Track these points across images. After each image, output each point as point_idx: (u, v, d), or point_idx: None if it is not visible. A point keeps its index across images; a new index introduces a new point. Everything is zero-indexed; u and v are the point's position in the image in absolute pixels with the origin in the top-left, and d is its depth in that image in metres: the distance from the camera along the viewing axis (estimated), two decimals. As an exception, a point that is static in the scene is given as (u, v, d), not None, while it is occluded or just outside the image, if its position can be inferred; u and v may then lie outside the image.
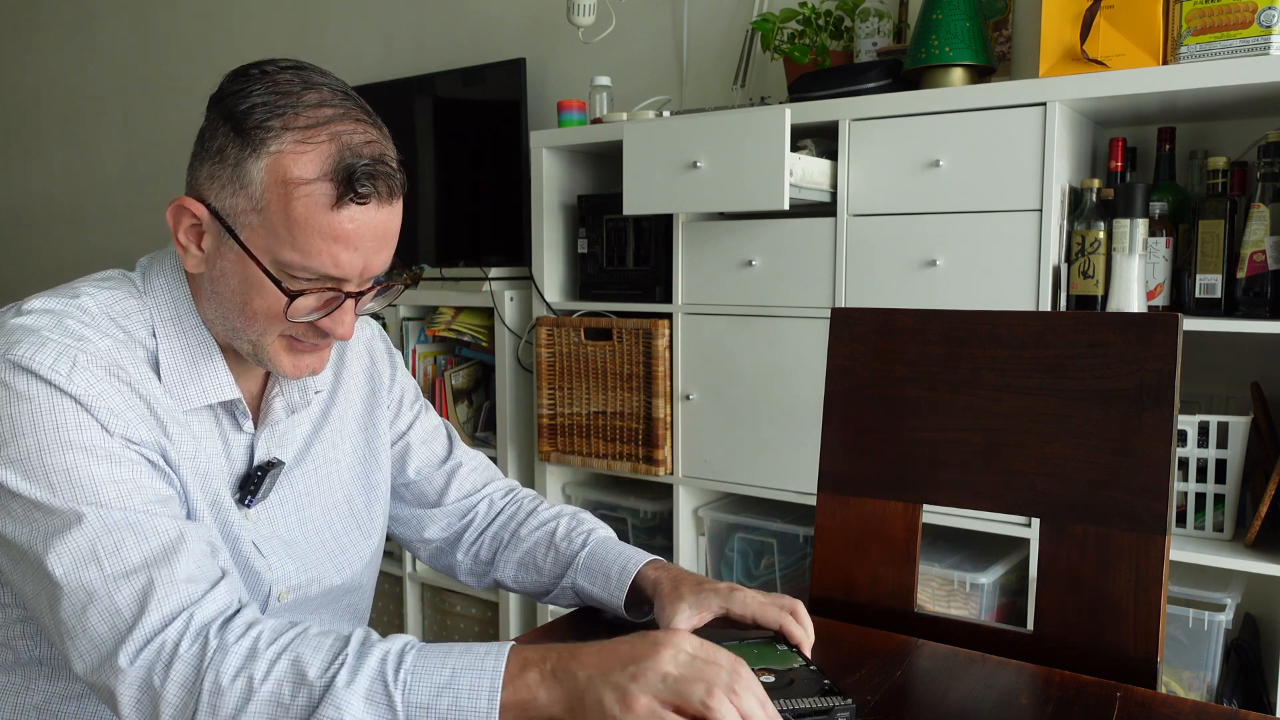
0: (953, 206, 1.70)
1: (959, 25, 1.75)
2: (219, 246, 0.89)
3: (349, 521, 1.08)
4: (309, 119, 0.85)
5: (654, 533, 2.24)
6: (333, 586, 1.05)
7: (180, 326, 0.93)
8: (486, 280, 2.36)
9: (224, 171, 0.86)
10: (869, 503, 1.15)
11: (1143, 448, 0.98)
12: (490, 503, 1.19)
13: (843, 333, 1.18)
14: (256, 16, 3.48)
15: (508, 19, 2.80)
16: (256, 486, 0.98)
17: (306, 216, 0.85)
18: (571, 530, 1.12)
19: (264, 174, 0.85)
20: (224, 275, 0.89)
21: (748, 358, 1.94)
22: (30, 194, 4.46)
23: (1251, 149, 1.72)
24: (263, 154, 0.85)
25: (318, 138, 0.85)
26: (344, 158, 0.85)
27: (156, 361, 0.91)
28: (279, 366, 0.93)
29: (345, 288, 0.90)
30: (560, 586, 1.10)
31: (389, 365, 1.16)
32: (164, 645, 0.77)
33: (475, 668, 0.76)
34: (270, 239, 0.86)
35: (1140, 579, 0.97)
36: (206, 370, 0.94)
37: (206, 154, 0.88)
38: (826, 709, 0.79)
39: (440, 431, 1.21)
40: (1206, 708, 0.86)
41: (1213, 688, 1.58)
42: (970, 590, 1.74)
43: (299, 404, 1.03)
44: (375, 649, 0.78)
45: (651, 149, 1.89)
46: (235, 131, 0.85)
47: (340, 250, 0.87)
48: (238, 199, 0.86)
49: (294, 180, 0.84)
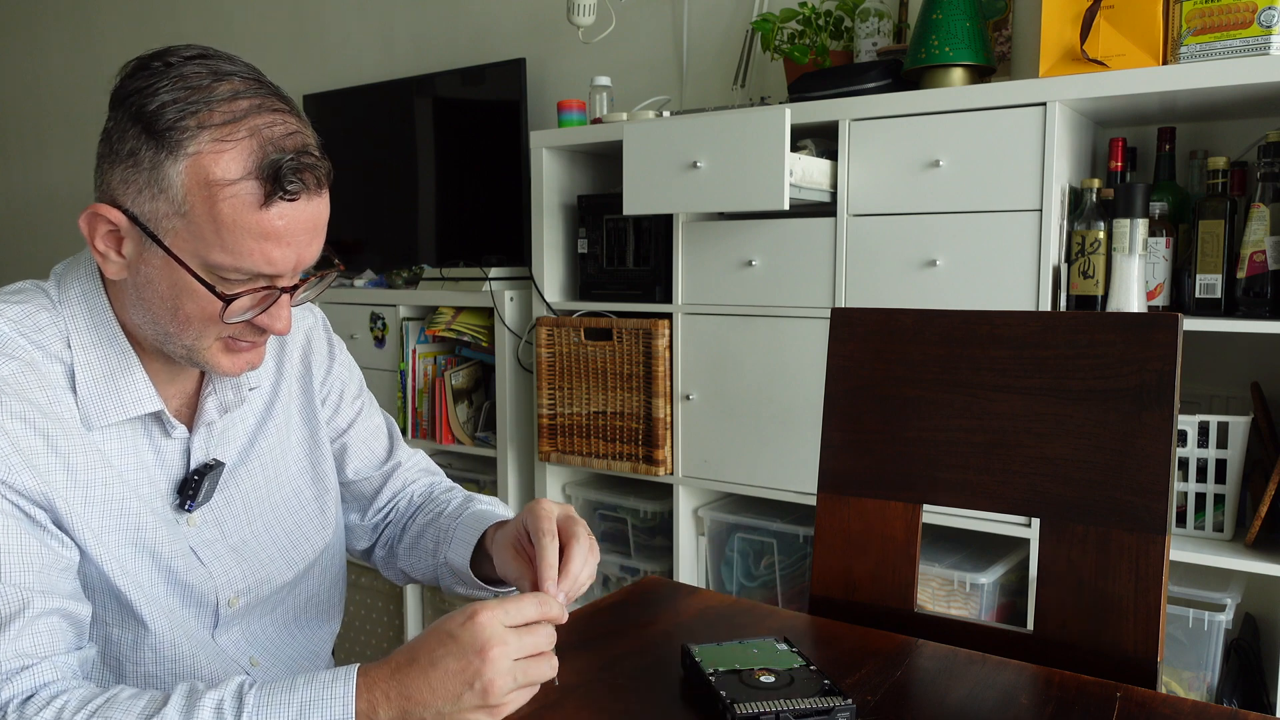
0: (953, 206, 1.70)
1: (959, 25, 1.75)
2: (141, 252, 0.84)
3: (300, 516, 1.06)
4: (225, 114, 0.81)
5: (654, 533, 2.24)
6: (285, 583, 1.04)
7: (97, 336, 0.89)
8: (486, 280, 2.36)
9: (139, 176, 0.82)
10: (869, 503, 1.15)
11: (1143, 448, 0.98)
12: (410, 498, 1.19)
13: (843, 333, 1.18)
14: (256, 17, 3.48)
15: (508, 19, 2.80)
16: (195, 490, 0.95)
17: (234, 217, 0.81)
18: (456, 509, 1.11)
19: (184, 176, 0.80)
20: (150, 281, 0.85)
21: (748, 358, 1.94)
22: (30, 194, 4.46)
23: (1251, 149, 1.72)
24: (180, 156, 0.80)
25: (236, 134, 0.81)
26: (267, 153, 0.81)
27: (73, 375, 0.88)
28: (218, 367, 0.90)
29: (279, 283, 0.87)
30: (439, 566, 1.08)
31: (327, 356, 1.13)
32: None
33: (324, 698, 0.75)
34: (197, 242, 0.82)
35: (1140, 579, 0.97)
36: (125, 383, 0.90)
37: (117, 157, 0.83)
38: (826, 709, 0.79)
39: (381, 431, 1.18)
40: (1206, 708, 0.86)
41: (1213, 688, 1.58)
42: (970, 590, 1.74)
43: (233, 403, 0.99)
44: (206, 697, 0.75)
45: (651, 149, 1.89)
46: (147, 133, 0.81)
47: (272, 248, 0.83)
48: (157, 203, 0.81)
49: (217, 181, 0.80)
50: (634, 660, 0.95)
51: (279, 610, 1.06)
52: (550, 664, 0.78)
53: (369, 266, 2.88)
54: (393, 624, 2.69)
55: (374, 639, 2.74)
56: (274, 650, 1.06)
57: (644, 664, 0.93)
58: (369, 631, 2.76)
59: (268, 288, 0.87)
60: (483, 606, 0.77)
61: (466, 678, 0.74)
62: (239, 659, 1.02)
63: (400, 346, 2.54)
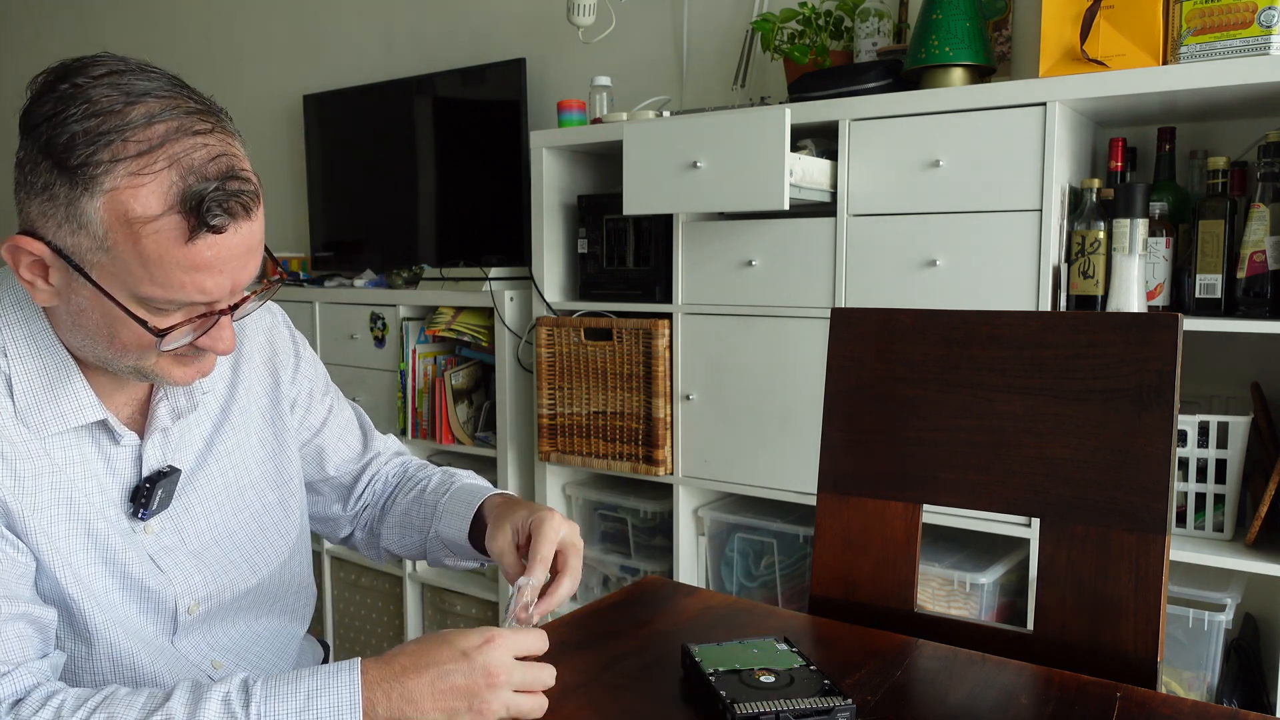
0: (953, 206, 1.70)
1: (959, 25, 1.75)
2: (70, 282, 0.80)
3: (263, 520, 1.05)
4: (140, 143, 0.75)
5: (654, 533, 2.24)
6: (248, 589, 1.03)
7: (34, 346, 0.86)
8: (486, 280, 2.36)
9: (56, 211, 0.77)
10: (869, 503, 1.15)
11: (1143, 448, 0.98)
12: (385, 480, 1.20)
13: (843, 333, 1.18)
14: (257, 17, 3.48)
15: (508, 19, 2.80)
16: (148, 498, 0.93)
17: (160, 253, 0.76)
18: (440, 484, 1.13)
19: (102, 213, 0.75)
20: (82, 310, 0.82)
21: (748, 358, 1.94)
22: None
23: (1251, 149, 1.72)
24: (96, 192, 0.75)
25: (154, 166, 0.75)
26: (189, 185, 0.76)
27: (10, 384, 0.85)
28: (169, 378, 0.87)
29: (216, 307, 0.84)
30: (429, 539, 1.10)
31: (292, 355, 1.11)
32: None
33: (330, 687, 0.76)
34: (125, 276, 0.78)
35: (1140, 579, 0.97)
36: (64, 392, 0.87)
37: (33, 189, 0.78)
38: (826, 709, 0.79)
39: (354, 423, 1.19)
40: (1206, 708, 0.86)
41: (1213, 688, 1.58)
42: (970, 590, 1.74)
43: (185, 408, 0.97)
44: (212, 690, 0.76)
45: (651, 149, 1.89)
46: (59, 169, 0.75)
47: (204, 278, 0.79)
48: (79, 238, 0.77)
49: (137, 219, 0.75)
50: (634, 660, 0.95)
51: (242, 614, 1.04)
52: (540, 704, 0.81)
53: (369, 266, 2.88)
54: (393, 624, 2.69)
55: (374, 639, 2.74)
56: (237, 652, 1.04)
57: (644, 664, 0.93)
58: (369, 631, 2.76)
59: (204, 314, 0.83)
60: (498, 634, 0.81)
61: (467, 697, 0.78)
62: (200, 663, 1.00)
63: (400, 346, 2.54)
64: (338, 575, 2.81)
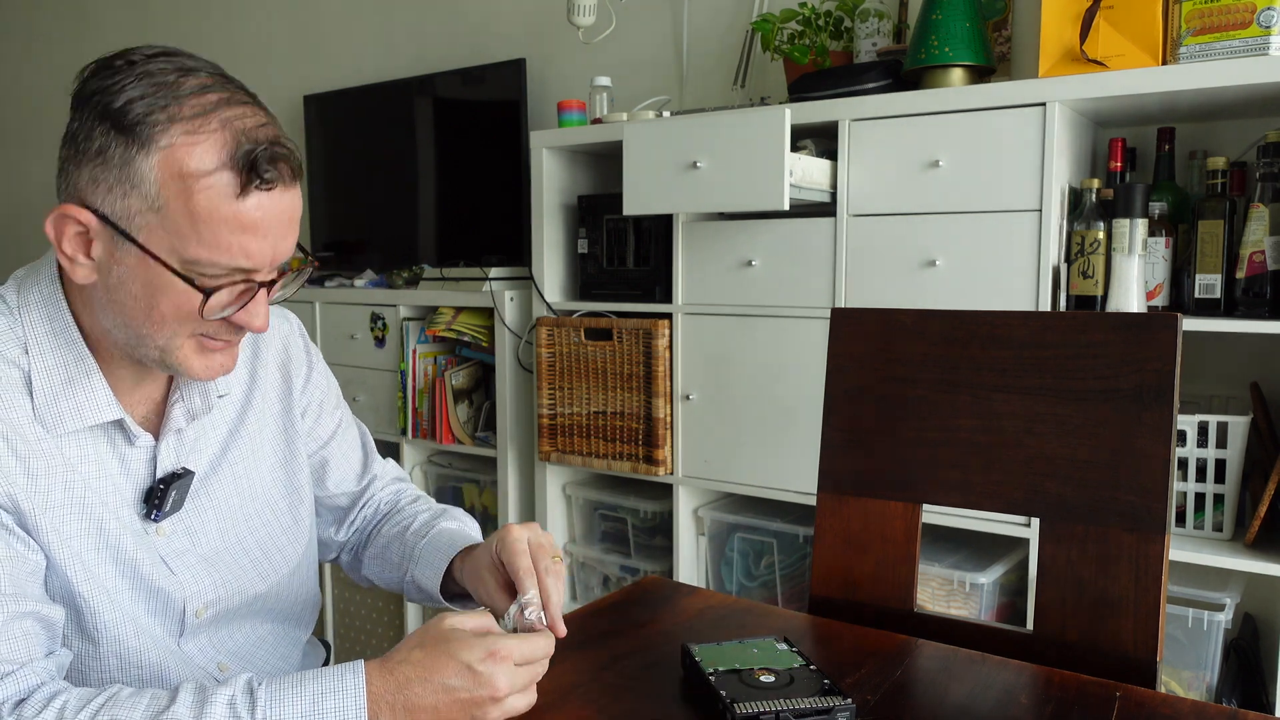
0: (953, 206, 1.70)
1: (959, 25, 1.75)
2: (113, 253, 0.82)
3: (273, 527, 1.05)
4: (194, 107, 0.80)
5: (654, 533, 2.25)
6: (257, 595, 1.03)
7: (55, 343, 0.88)
8: (486, 280, 2.36)
9: (108, 173, 0.80)
10: (869, 503, 1.15)
11: (1143, 448, 0.98)
12: (377, 506, 1.20)
13: (843, 333, 1.18)
14: (256, 17, 3.48)
15: (508, 19, 2.80)
16: (161, 499, 0.93)
17: (211, 209, 0.80)
18: (423, 525, 1.11)
19: (157, 170, 0.79)
20: (122, 282, 0.83)
21: (748, 358, 1.94)
22: (30, 194, 4.46)
23: (1251, 149, 1.72)
24: (152, 150, 0.79)
25: (208, 126, 0.80)
26: (240, 144, 0.80)
27: (29, 382, 0.86)
28: (189, 369, 0.88)
29: (256, 277, 0.86)
30: (405, 581, 1.09)
31: (305, 364, 1.11)
32: None
33: (335, 690, 0.77)
34: (173, 238, 0.81)
35: (1140, 579, 0.97)
36: (82, 389, 0.88)
37: (84, 157, 0.81)
38: (826, 709, 0.79)
39: (358, 443, 1.19)
40: (1206, 708, 0.86)
41: (1212, 688, 1.58)
42: (970, 590, 1.74)
43: (200, 410, 0.97)
44: (217, 692, 0.76)
45: (651, 149, 1.89)
46: (115, 129, 0.79)
47: (249, 240, 0.82)
48: (130, 200, 0.80)
49: (192, 173, 0.79)
50: (634, 660, 0.95)
51: (249, 618, 1.05)
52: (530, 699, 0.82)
53: (369, 266, 2.88)
54: (393, 624, 2.69)
55: (374, 639, 2.74)
56: (243, 655, 1.04)
57: (644, 664, 0.93)
58: (369, 631, 2.76)
59: (245, 282, 0.85)
60: (501, 646, 0.79)
61: (469, 708, 0.78)
62: (206, 665, 1.00)
63: (400, 346, 2.54)
64: (338, 574, 2.82)
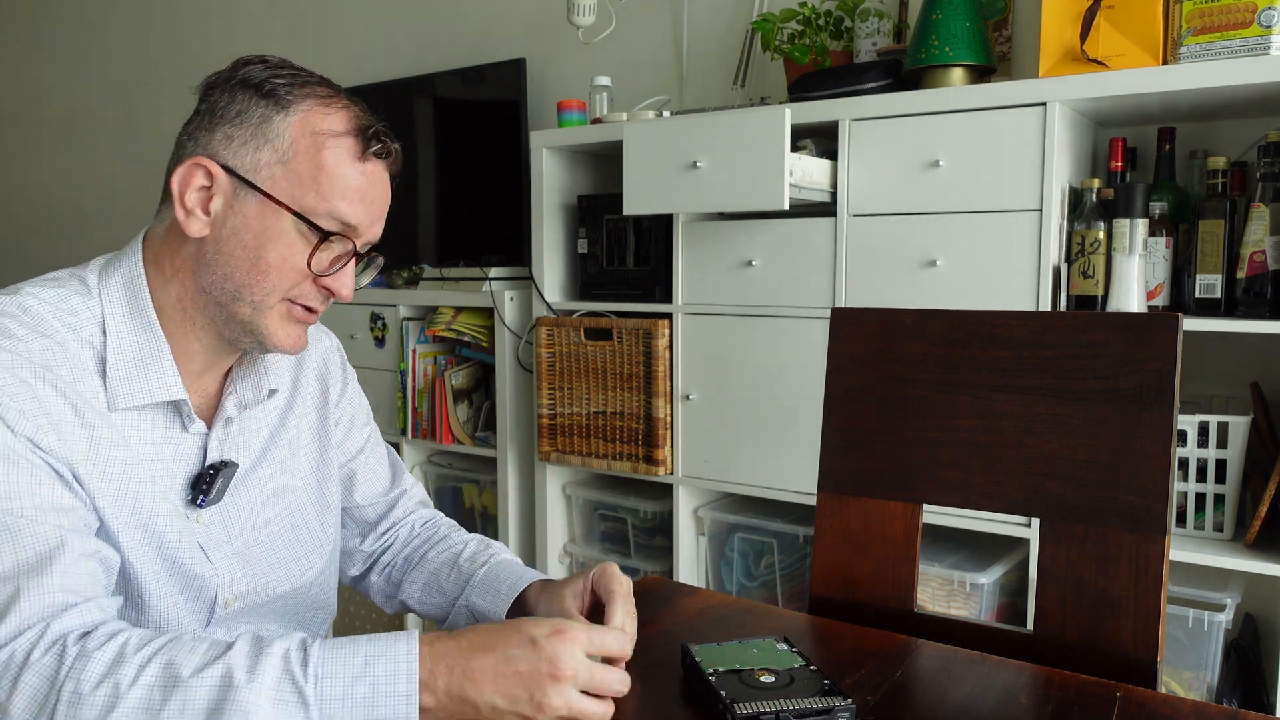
0: (953, 206, 1.70)
1: (959, 25, 1.75)
2: (231, 205, 0.91)
3: (302, 531, 1.07)
4: (325, 90, 0.94)
5: (654, 533, 2.24)
6: (283, 593, 1.05)
7: (133, 323, 0.93)
8: (486, 280, 2.36)
9: (244, 130, 0.91)
10: (869, 503, 1.15)
11: (1143, 448, 0.98)
12: (411, 528, 1.21)
13: (843, 333, 1.18)
14: (256, 17, 3.48)
15: (508, 19, 2.80)
16: (208, 486, 0.96)
17: (335, 164, 0.91)
18: (476, 553, 1.13)
19: (293, 128, 0.91)
20: (235, 233, 0.91)
21: (748, 358, 1.94)
22: (30, 195, 4.46)
23: (1251, 149, 1.72)
24: (291, 110, 0.91)
25: (337, 103, 0.94)
26: (362, 121, 0.94)
27: (103, 360, 0.91)
28: (271, 335, 0.95)
29: (354, 238, 0.95)
30: (457, 606, 1.10)
31: (341, 380, 1.16)
32: (13, 656, 0.74)
33: (387, 654, 0.76)
34: (294, 187, 0.91)
35: (1140, 579, 0.97)
36: (154, 369, 0.93)
37: (222, 120, 0.91)
38: (826, 709, 0.79)
39: (385, 459, 1.22)
40: (1206, 708, 0.86)
41: (1213, 688, 1.58)
42: (970, 590, 1.74)
43: (251, 401, 1.02)
44: (274, 645, 0.76)
45: (651, 149, 1.89)
46: (258, 94, 0.91)
47: (357, 201, 0.93)
48: (260, 153, 0.90)
49: (324, 131, 0.91)
50: (634, 660, 0.95)
51: (269, 619, 1.06)
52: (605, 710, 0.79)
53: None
54: (393, 624, 2.69)
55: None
56: None
57: (644, 664, 0.93)
58: (369, 633, 2.76)
59: (344, 240, 0.94)
60: (570, 626, 0.79)
61: (530, 686, 0.76)
62: None
63: (400, 346, 2.54)
64: (338, 575, 2.81)
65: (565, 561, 2.38)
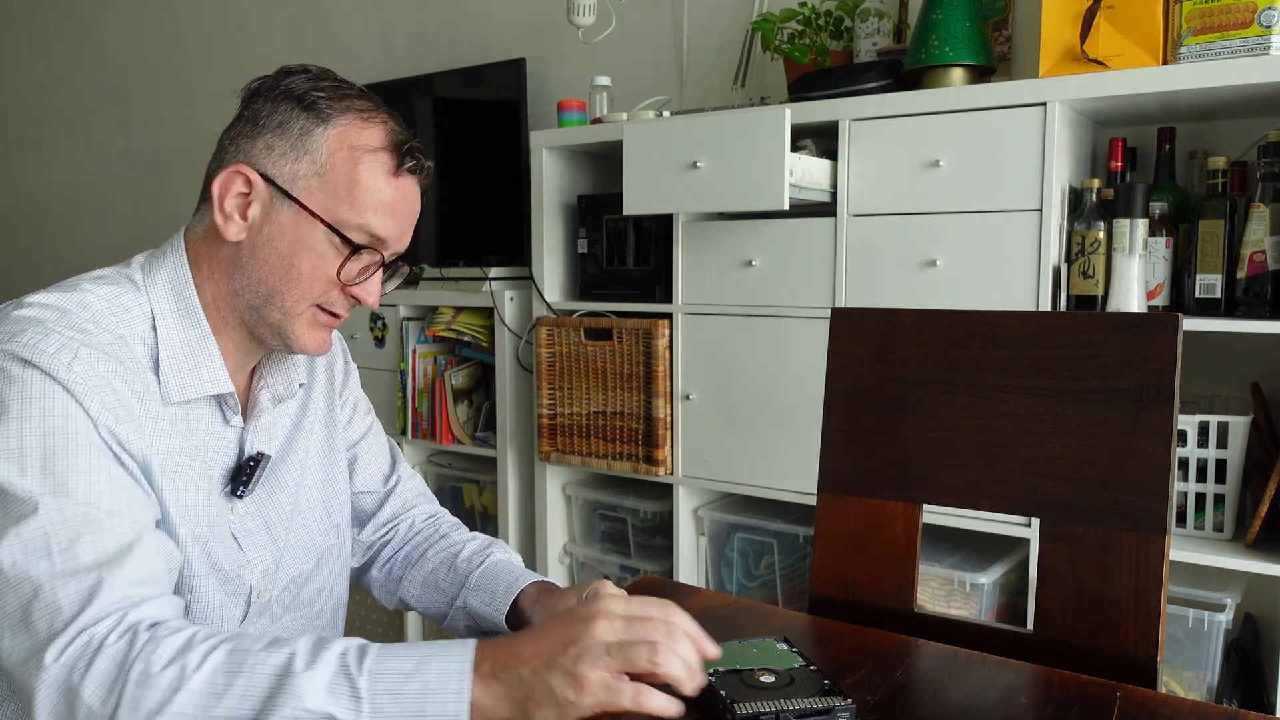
0: (953, 206, 1.70)
1: (959, 25, 1.75)
2: (268, 213, 0.94)
3: (308, 516, 1.10)
4: (365, 104, 0.97)
5: (654, 533, 2.24)
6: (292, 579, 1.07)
7: (181, 321, 0.96)
8: (486, 280, 2.36)
9: (284, 141, 0.94)
10: (869, 503, 1.15)
11: (1143, 448, 0.98)
12: (411, 523, 1.22)
13: (843, 333, 1.18)
14: (257, 17, 3.48)
15: (508, 19, 2.80)
16: (248, 478, 1.00)
17: (369, 179, 0.94)
18: (474, 553, 1.14)
19: (331, 141, 0.94)
20: (270, 239, 0.94)
21: (748, 358, 1.94)
22: (30, 194, 4.46)
23: (1251, 149, 1.72)
24: (331, 125, 0.94)
25: (376, 118, 0.96)
26: (399, 136, 0.97)
27: (156, 355, 0.94)
28: (300, 339, 0.98)
29: (382, 249, 0.97)
30: (455, 607, 1.11)
31: (344, 370, 1.19)
32: (91, 640, 0.76)
33: (442, 655, 0.76)
34: (328, 199, 0.93)
35: (1140, 579, 0.97)
36: (204, 363, 0.96)
37: (264, 129, 0.94)
38: (826, 709, 0.79)
39: (386, 449, 1.24)
40: (1206, 708, 0.86)
41: (1213, 688, 1.58)
42: (970, 590, 1.74)
43: (284, 394, 1.06)
44: (333, 643, 0.78)
45: (651, 149, 1.89)
46: (300, 106, 0.94)
47: (389, 215, 0.96)
48: (299, 164, 0.93)
49: (361, 147, 0.94)
50: (634, 660, 0.94)
51: (290, 613, 1.09)
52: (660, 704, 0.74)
53: (369, 266, 2.88)
54: (393, 624, 2.69)
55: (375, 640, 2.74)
56: None
57: (644, 664, 0.93)
58: (369, 632, 2.76)
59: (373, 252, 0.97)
60: (604, 584, 0.87)
61: (566, 640, 0.74)
62: None
63: (400, 346, 2.54)
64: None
65: (565, 562, 2.38)
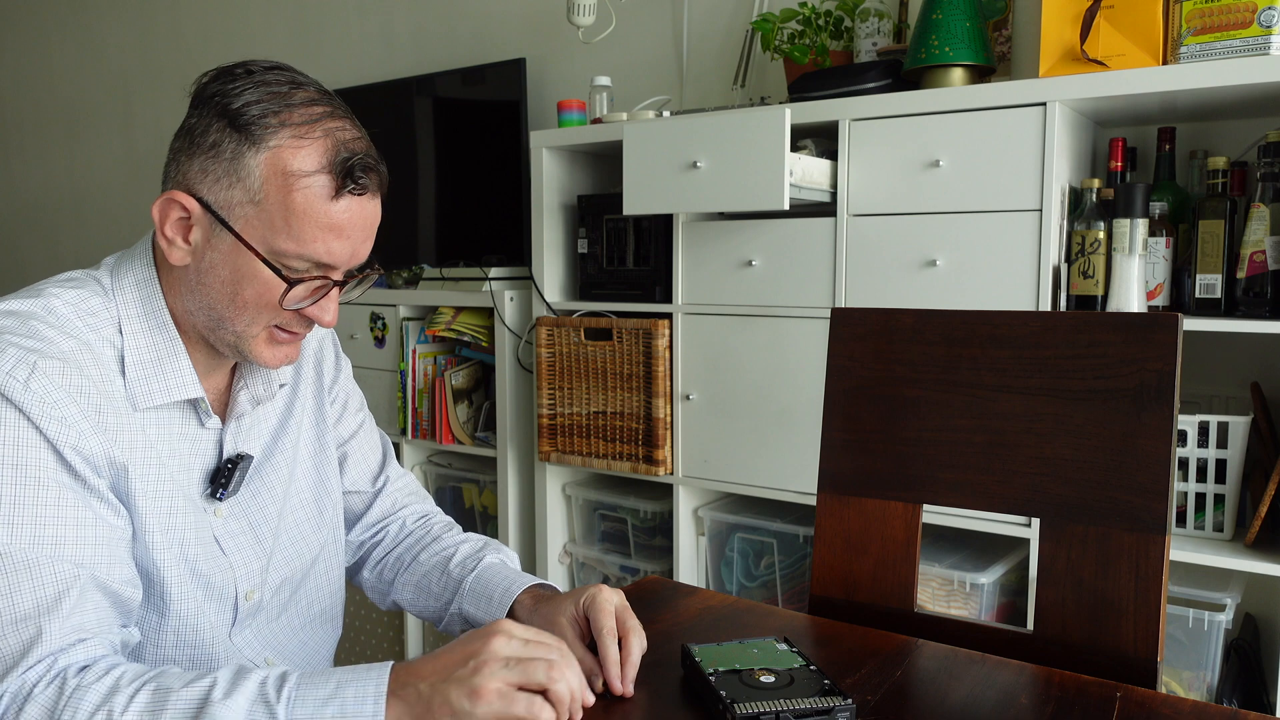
0: (953, 206, 1.70)
1: (959, 25, 1.75)
2: (209, 239, 0.90)
3: (299, 515, 1.09)
4: (303, 116, 0.89)
5: (654, 533, 2.24)
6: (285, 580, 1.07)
7: (148, 324, 0.94)
8: (486, 280, 2.36)
9: (218, 166, 0.88)
10: (869, 503, 1.15)
11: (1143, 448, 0.98)
12: (402, 524, 1.21)
13: (843, 333, 1.18)
14: (256, 16, 3.48)
15: (508, 19, 2.80)
16: (226, 480, 0.98)
17: (306, 207, 0.88)
18: (466, 557, 1.13)
19: (263, 167, 0.87)
20: (213, 267, 0.91)
21: (748, 358, 1.94)
22: (30, 194, 4.46)
23: (1251, 149, 1.72)
24: (262, 148, 0.87)
25: (313, 134, 0.89)
26: (339, 152, 0.89)
27: (122, 359, 0.92)
28: (259, 357, 0.95)
29: (333, 275, 0.93)
30: (450, 613, 1.10)
31: (335, 367, 1.17)
32: (21, 688, 0.77)
33: (359, 679, 0.78)
34: (266, 229, 0.89)
35: (1140, 579, 0.97)
36: (171, 368, 0.95)
37: (197, 149, 0.89)
38: (826, 709, 0.79)
39: (377, 447, 1.22)
40: (1206, 708, 0.86)
41: (1213, 688, 1.58)
42: (970, 590, 1.74)
43: (263, 396, 1.04)
44: (253, 673, 0.78)
45: (651, 149, 1.89)
46: (232, 127, 0.88)
47: (334, 239, 0.90)
48: (233, 191, 0.88)
49: (294, 173, 0.87)
50: (634, 660, 0.95)
51: (287, 613, 1.08)
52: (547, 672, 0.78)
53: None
54: (392, 624, 2.69)
55: (370, 645, 2.74)
56: (285, 653, 1.08)
57: (644, 664, 0.93)
58: (369, 632, 2.76)
59: (322, 278, 0.93)
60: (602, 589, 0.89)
61: (466, 654, 0.78)
62: (255, 660, 1.04)
63: (400, 346, 2.54)
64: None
65: (565, 562, 2.38)
